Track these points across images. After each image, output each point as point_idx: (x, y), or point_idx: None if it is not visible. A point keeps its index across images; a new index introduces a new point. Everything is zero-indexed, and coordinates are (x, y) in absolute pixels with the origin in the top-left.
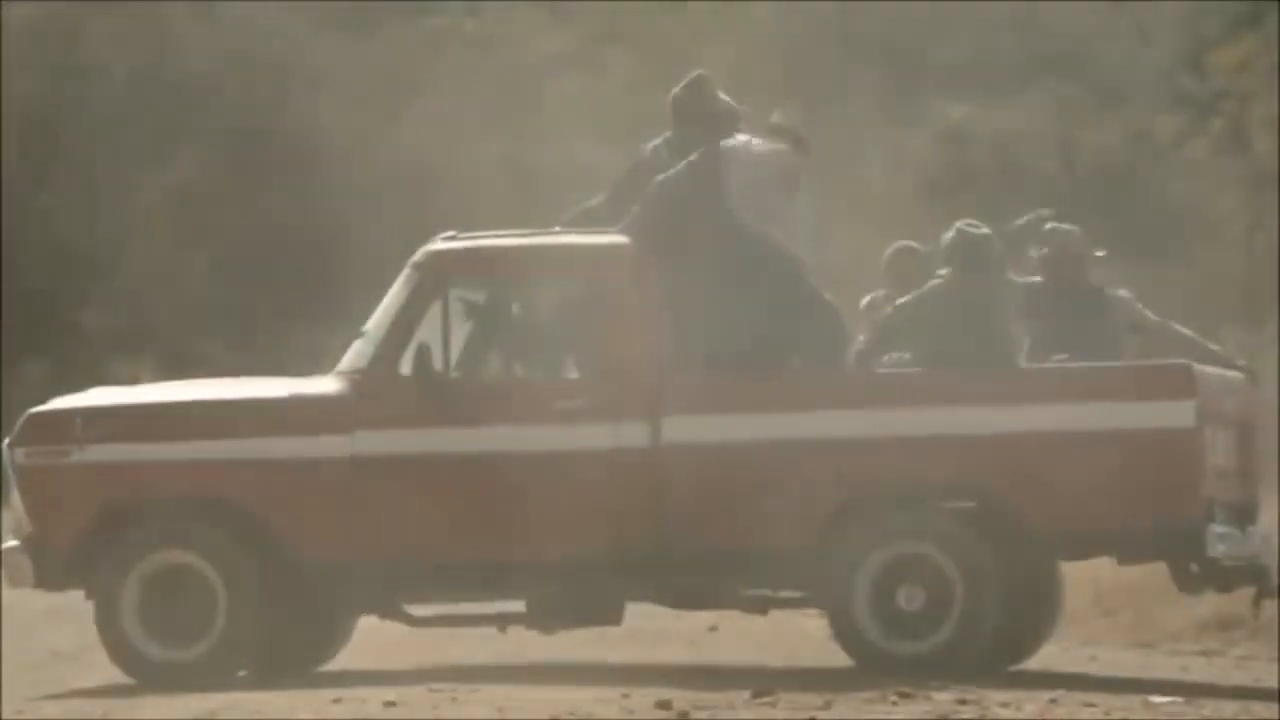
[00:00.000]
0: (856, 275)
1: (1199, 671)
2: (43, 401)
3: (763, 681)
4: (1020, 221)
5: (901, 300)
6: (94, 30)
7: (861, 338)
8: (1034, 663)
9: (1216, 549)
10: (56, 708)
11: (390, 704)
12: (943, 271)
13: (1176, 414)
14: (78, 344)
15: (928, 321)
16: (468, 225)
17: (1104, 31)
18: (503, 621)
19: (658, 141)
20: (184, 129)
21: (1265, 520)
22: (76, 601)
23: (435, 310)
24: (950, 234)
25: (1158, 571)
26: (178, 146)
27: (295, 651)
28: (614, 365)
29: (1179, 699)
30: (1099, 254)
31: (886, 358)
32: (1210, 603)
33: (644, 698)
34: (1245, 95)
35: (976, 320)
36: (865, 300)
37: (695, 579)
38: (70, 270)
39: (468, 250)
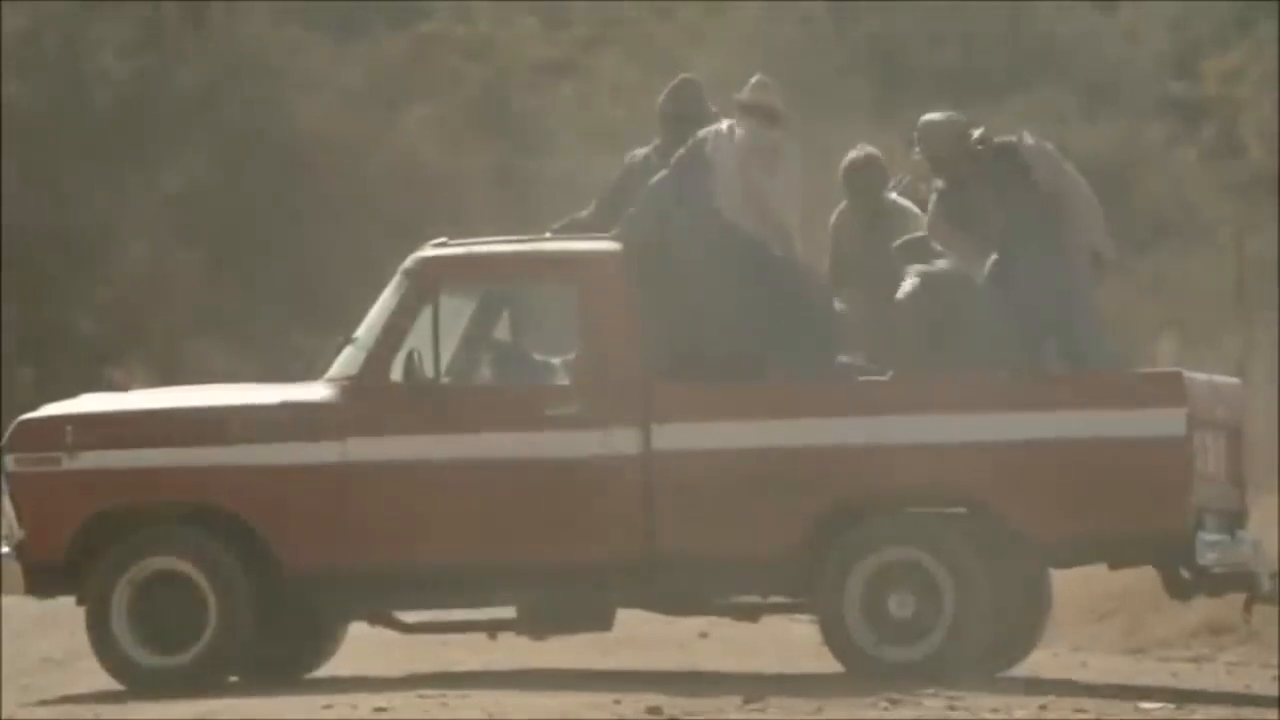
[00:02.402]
0: None
1: (1189, 678)
2: (34, 408)
3: (753, 687)
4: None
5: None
6: (89, 35)
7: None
8: (1024, 669)
9: (1206, 556)
10: (48, 714)
11: (381, 710)
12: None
13: (1167, 422)
14: (69, 350)
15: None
16: (459, 231)
17: (1094, 36)
18: (493, 627)
19: (647, 150)
20: (177, 133)
21: (1262, 522)
22: (68, 608)
23: (426, 316)
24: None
25: (1148, 577)
26: (170, 151)
27: (286, 658)
28: (604, 372)
29: (1169, 705)
30: (976, 132)
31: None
32: (1201, 609)
33: (635, 703)
34: (1237, 103)
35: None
36: (833, 218)
37: (686, 585)
38: (62, 275)
39: (459, 256)
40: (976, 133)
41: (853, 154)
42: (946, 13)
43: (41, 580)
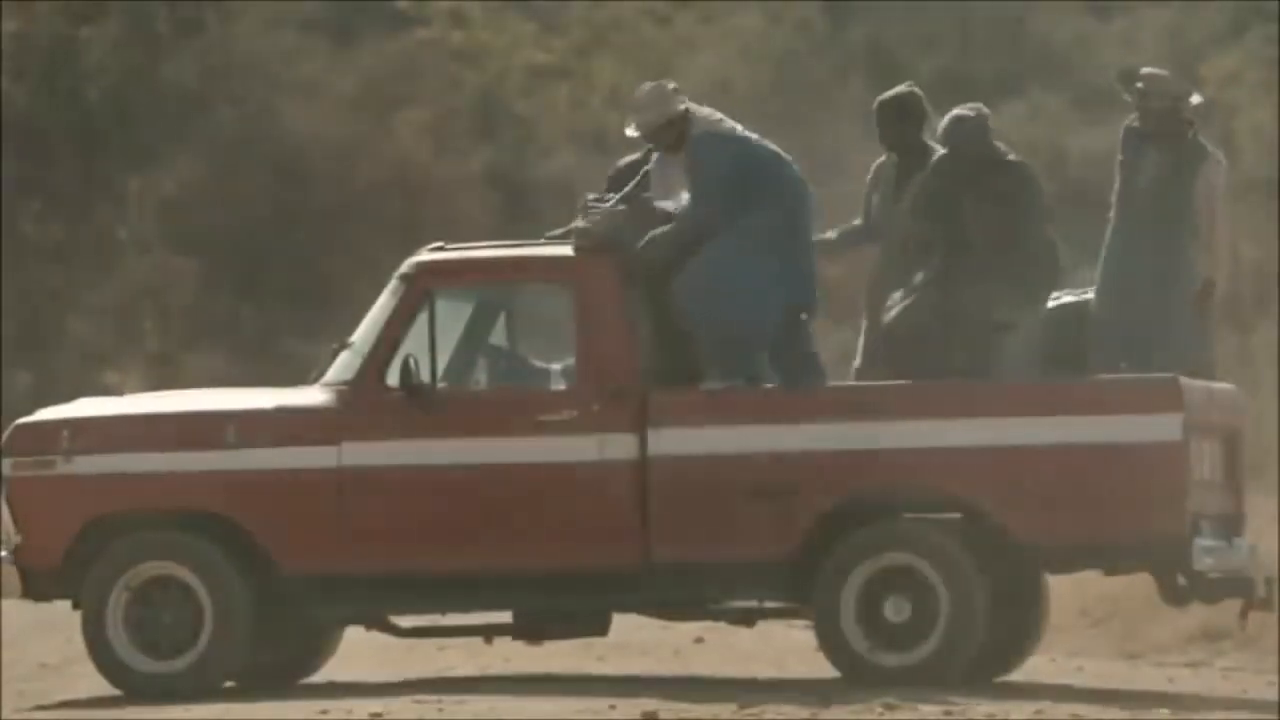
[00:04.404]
0: (846, 287)
1: (1185, 683)
2: (30, 412)
3: (749, 693)
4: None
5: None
6: (86, 41)
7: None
8: (1020, 674)
9: (1203, 562)
10: (44, 718)
11: (377, 715)
12: None
13: (1163, 428)
14: (65, 354)
15: None
16: (455, 236)
17: (1090, 41)
18: (489, 632)
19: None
20: (172, 139)
21: (1260, 528)
22: (64, 613)
23: (422, 321)
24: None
25: (1144, 583)
26: (166, 156)
27: (281, 663)
28: (600, 377)
29: (1166, 711)
30: (1195, 99)
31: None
32: (1197, 614)
33: (630, 708)
34: (1232, 107)
35: None
36: (872, 169)
37: (682, 590)
38: (58, 280)
39: (455, 261)
40: (1195, 100)
41: (889, 91)
42: (943, 16)
43: (38, 584)
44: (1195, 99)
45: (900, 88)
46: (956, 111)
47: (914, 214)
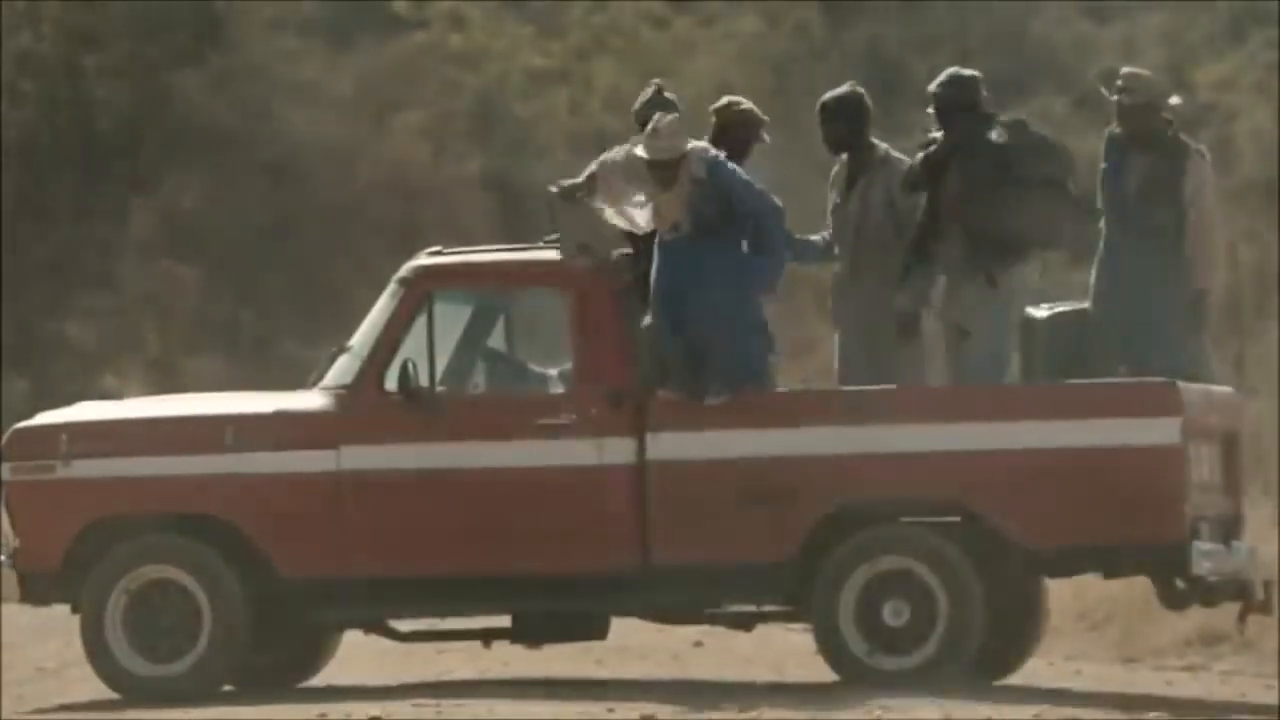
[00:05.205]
0: None
1: (1184, 686)
2: (29, 416)
3: (748, 697)
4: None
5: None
6: (89, 69)
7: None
8: (1018, 677)
9: (1201, 565)
10: None
11: (376, 718)
12: None
13: (1161, 431)
14: (65, 358)
15: None
16: (453, 240)
17: (1089, 45)
18: (488, 636)
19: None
20: (171, 143)
21: (1259, 531)
22: (63, 616)
23: (421, 325)
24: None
25: (1143, 586)
26: (165, 161)
27: (280, 666)
28: (598, 381)
29: (1164, 714)
30: (1174, 99)
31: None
32: (1195, 618)
33: (629, 712)
34: (1231, 110)
35: None
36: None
37: (680, 594)
38: (57, 284)
39: (453, 265)
40: (1173, 101)
41: (830, 93)
42: (943, 19)
43: (37, 588)
44: (1174, 99)
45: (841, 88)
46: (950, 71)
47: (913, 185)
